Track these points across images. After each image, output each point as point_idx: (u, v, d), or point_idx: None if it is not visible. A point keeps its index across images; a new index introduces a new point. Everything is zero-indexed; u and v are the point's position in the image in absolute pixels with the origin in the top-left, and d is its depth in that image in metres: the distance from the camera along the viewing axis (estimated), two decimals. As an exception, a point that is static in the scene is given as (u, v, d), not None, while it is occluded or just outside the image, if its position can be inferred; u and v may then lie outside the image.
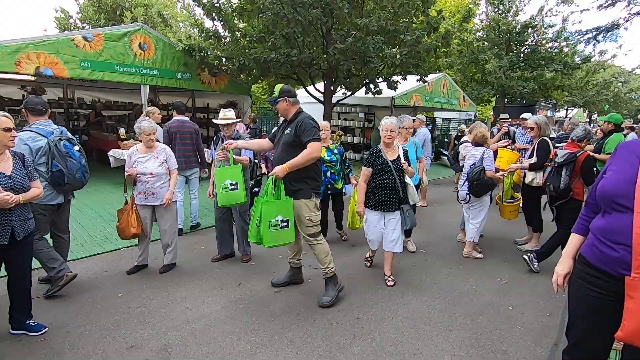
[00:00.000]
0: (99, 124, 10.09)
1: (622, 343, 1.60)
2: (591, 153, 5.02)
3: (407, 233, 4.36)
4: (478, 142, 4.20)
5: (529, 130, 4.50)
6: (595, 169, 4.57)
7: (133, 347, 2.47)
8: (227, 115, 3.81)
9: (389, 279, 3.50)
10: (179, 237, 4.00)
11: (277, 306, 3.06)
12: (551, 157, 4.09)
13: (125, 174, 3.42)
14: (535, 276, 3.79)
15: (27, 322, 2.58)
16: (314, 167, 3.02)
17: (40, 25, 40.83)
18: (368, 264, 3.89)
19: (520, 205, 4.61)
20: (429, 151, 6.92)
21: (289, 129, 2.99)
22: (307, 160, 2.87)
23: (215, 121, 3.94)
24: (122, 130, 7.79)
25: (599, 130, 5.58)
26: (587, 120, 27.10)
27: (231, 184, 3.24)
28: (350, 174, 4.59)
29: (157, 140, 3.73)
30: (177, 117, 4.90)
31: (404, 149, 3.50)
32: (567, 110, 24.84)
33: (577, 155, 3.76)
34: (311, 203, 3.02)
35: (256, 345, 2.52)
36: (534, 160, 4.32)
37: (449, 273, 3.82)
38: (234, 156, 3.44)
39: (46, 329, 2.61)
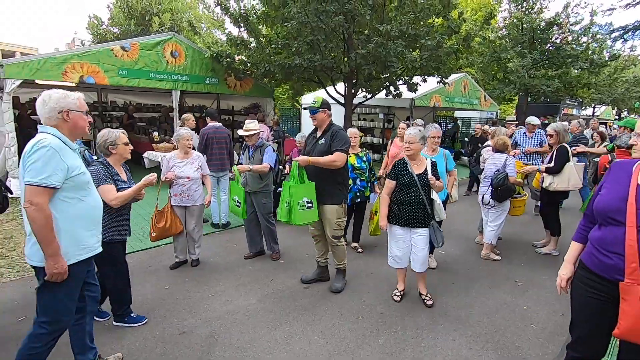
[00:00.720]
0: (131, 126, 10.67)
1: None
2: (586, 149, 5.18)
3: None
4: (499, 149, 4.37)
5: (548, 137, 4.63)
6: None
7: (184, 333, 2.82)
8: (249, 127, 4.04)
9: (427, 298, 3.33)
10: (215, 231, 4.41)
11: (306, 301, 3.36)
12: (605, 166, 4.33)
13: (163, 177, 3.75)
14: (552, 279, 3.94)
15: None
16: (345, 174, 3.37)
17: (72, 28, 42.56)
18: (398, 299, 3.39)
19: (528, 201, 4.77)
20: None
21: (323, 139, 3.28)
22: (328, 164, 3.18)
23: (239, 132, 4.16)
24: (155, 133, 8.26)
25: (621, 129, 5.64)
26: (616, 118, 26.16)
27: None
28: (375, 182, 4.68)
29: (193, 148, 4.13)
30: (212, 124, 5.28)
31: (432, 161, 3.27)
32: (594, 108, 24.09)
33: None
34: (340, 209, 3.36)
35: (291, 335, 2.83)
36: (552, 164, 4.46)
37: (467, 274, 4.02)
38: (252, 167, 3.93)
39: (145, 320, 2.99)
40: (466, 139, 14.54)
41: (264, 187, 4.13)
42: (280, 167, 4.32)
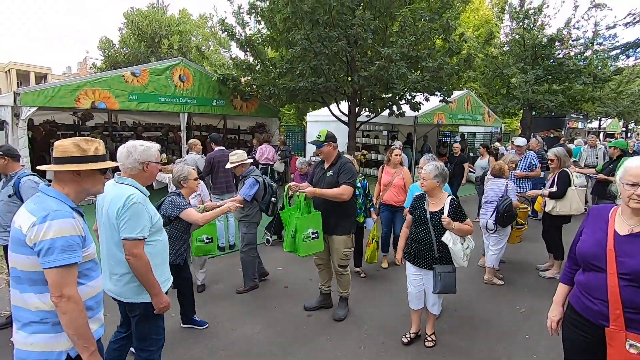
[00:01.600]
0: (141, 146, 10.92)
1: None
2: (604, 177, 5.18)
3: None
4: (497, 175, 4.44)
5: (549, 162, 4.69)
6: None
7: (190, 364, 2.89)
8: (232, 159, 4.00)
9: (429, 339, 3.17)
10: (221, 253, 4.64)
11: (309, 330, 3.41)
12: None
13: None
14: (555, 304, 3.95)
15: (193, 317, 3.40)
16: (354, 205, 3.49)
17: (84, 48, 43.86)
18: (406, 340, 3.19)
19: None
20: None
21: (331, 171, 3.35)
22: (335, 196, 3.25)
23: (227, 166, 4.15)
24: (163, 155, 8.46)
25: (635, 141, 5.67)
26: (623, 130, 26.00)
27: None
28: (372, 208, 4.58)
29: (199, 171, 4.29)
30: (218, 148, 5.47)
31: (453, 201, 2.97)
32: (600, 120, 23.99)
33: None
34: (349, 239, 3.44)
35: (294, 366, 2.88)
36: (554, 189, 4.51)
37: (470, 299, 4.04)
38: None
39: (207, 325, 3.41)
40: (471, 154, 14.61)
41: (245, 217, 4.04)
42: (273, 199, 4.16)
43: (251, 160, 4.14)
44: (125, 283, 2.09)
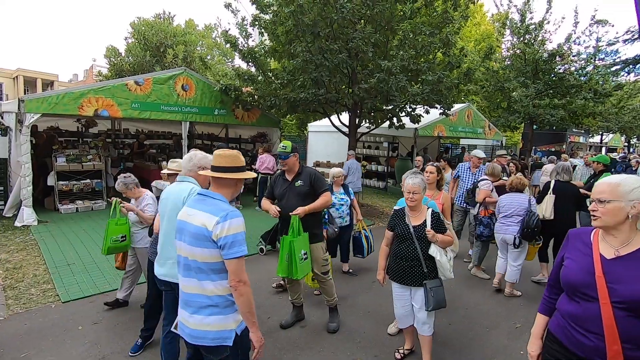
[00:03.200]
0: (142, 154, 11.02)
1: None
2: (585, 192, 5.21)
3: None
4: (517, 189, 4.48)
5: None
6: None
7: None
8: (170, 166, 3.46)
9: None
10: None
11: (302, 341, 3.38)
12: None
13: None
14: (551, 320, 3.91)
15: None
16: (321, 213, 3.62)
17: (90, 55, 44.62)
18: (399, 357, 3.13)
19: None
20: (354, 182, 7.91)
21: (299, 180, 3.42)
22: (323, 206, 3.42)
23: (162, 172, 3.70)
24: (164, 163, 8.51)
25: (595, 165, 5.52)
26: (625, 144, 25.98)
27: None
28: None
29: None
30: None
31: (433, 212, 2.91)
32: (601, 135, 24.01)
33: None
34: (323, 245, 3.55)
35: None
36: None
37: (465, 314, 4.01)
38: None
39: None
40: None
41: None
42: None
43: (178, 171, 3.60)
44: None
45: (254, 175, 2.12)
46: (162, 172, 3.64)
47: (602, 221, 1.55)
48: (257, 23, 8.22)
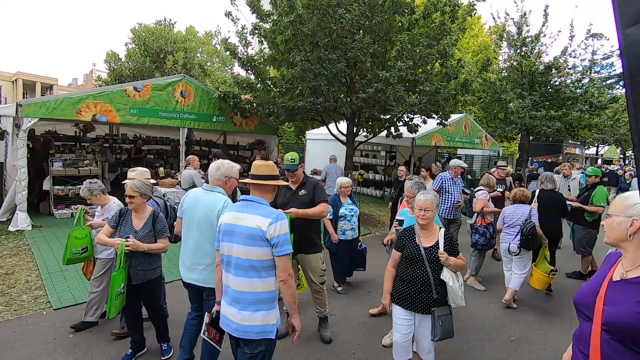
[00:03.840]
0: (139, 160, 11.00)
1: None
2: (580, 205, 5.27)
3: None
4: (520, 200, 4.58)
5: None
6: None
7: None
8: (130, 176, 3.29)
9: None
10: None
11: (296, 352, 3.36)
12: None
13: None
14: (545, 334, 3.90)
15: (162, 344, 3.24)
16: (320, 223, 3.63)
17: (90, 60, 44.78)
18: None
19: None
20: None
21: (303, 190, 3.46)
22: (317, 214, 3.43)
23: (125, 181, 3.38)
24: (161, 169, 8.51)
25: (591, 178, 5.53)
26: (621, 156, 26.19)
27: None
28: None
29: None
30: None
31: (447, 233, 2.71)
32: (597, 147, 24.21)
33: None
34: (321, 255, 3.57)
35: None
36: None
37: (460, 326, 3.99)
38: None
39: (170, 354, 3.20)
40: (469, 177, 14.69)
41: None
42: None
43: (153, 181, 3.36)
44: (208, 272, 2.59)
45: (286, 183, 2.57)
46: (123, 182, 3.20)
47: (606, 236, 1.51)
48: (256, 32, 8.30)
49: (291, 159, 3.42)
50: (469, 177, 14.52)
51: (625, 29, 0.91)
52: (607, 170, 16.89)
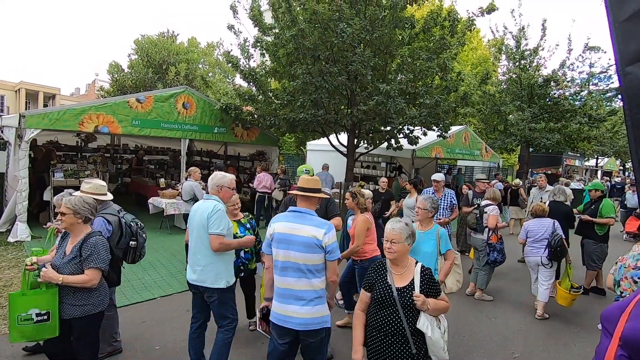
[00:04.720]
0: (140, 170, 11.03)
1: None
2: (589, 217, 5.28)
3: None
4: (540, 215, 4.75)
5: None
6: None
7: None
8: (83, 188, 2.94)
9: None
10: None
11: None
12: None
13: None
14: (548, 351, 3.85)
15: None
16: None
17: (93, 70, 45.27)
18: None
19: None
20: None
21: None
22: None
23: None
24: (162, 180, 8.52)
25: (592, 192, 5.60)
26: (621, 168, 26.24)
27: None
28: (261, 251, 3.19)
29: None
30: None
31: (423, 269, 2.17)
32: (597, 159, 24.28)
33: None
34: None
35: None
36: None
37: (461, 342, 3.94)
38: None
39: None
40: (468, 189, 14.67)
41: None
42: (132, 242, 3.10)
43: (110, 197, 3.13)
44: (206, 272, 2.80)
45: (327, 195, 2.79)
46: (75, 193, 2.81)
47: None
48: (258, 44, 8.41)
49: (306, 170, 3.46)
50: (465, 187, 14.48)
51: (625, 67, 0.93)
52: (613, 183, 16.96)
